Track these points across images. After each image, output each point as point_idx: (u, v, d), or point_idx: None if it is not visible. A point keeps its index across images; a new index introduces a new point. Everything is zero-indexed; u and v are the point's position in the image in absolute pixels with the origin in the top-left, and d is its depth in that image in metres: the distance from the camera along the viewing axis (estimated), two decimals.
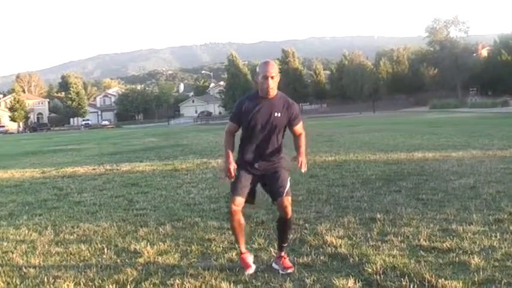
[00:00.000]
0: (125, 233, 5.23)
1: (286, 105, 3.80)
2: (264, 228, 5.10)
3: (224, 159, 3.83)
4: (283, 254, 3.86)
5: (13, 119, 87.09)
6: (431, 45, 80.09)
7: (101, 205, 6.97)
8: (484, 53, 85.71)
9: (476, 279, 3.39)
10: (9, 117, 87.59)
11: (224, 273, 3.78)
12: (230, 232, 4.97)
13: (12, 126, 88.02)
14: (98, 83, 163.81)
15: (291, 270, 3.74)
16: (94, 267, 4.08)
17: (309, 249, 4.29)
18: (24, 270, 4.09)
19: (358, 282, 3.47)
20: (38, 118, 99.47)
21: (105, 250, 4.59)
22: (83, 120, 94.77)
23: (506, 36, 78.59)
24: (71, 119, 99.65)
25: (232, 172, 3.72)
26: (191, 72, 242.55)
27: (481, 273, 3.50)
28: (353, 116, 58.45)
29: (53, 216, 6.31)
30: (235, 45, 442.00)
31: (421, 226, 4.85)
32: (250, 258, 3.88)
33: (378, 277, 3.53)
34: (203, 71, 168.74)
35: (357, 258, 3.96)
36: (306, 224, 5.20)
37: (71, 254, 4.55)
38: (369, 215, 5.42)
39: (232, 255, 4.22)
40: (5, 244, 5.03)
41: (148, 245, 4.66)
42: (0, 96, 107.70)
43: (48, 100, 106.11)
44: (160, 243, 4.69)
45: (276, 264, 3.84)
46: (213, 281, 3.63)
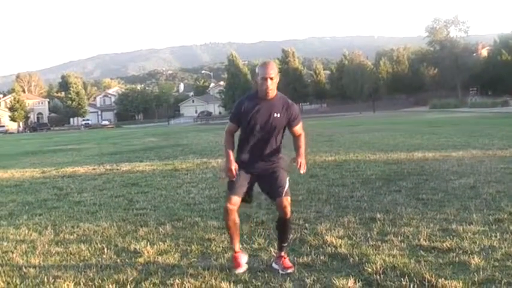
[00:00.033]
0: (125, 233, 5.23)
1: (285, 106, 3.79)
2: (264, 228, 5.10)
3: (225, 159, 3.82)
4: (283, 254, 3.86)
5: (13, 119, 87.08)
6: (431, 45, 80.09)
7: (101, 205, 6.97)
8: (484, 52, 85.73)
9: (476, 279, 3.39)
10: (9, 117, 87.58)
11: (224, 273, 3.78)
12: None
13: (12, 126, 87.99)
14: (98, 83, 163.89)
15: (291, 270, 3.74)
16: (94, 267, 4.08)
17: (309, 249, 4.29)
18: (24, 270, 4.09)
19: (358, 282, 3.47)
20: (38, 118, 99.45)
21: (105, 250, 4.59)
22: (83, 120, 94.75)
23: (506, 36, 78.63)
24: (71, 119, 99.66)
25: (234, 172, 3.72)
26: (191, 72, 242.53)
27: (481, 273, 3.50)
28: (353, 115, 58.46)
29: (53, 216, 6.31)
30: (235, 45, 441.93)
31: (421, 226, 4.85)
32: (243, 258, 3.86)
33: (378, 277, 3.53)
34: (203, 71, 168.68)
35: (356, 258, 3.96)
36: (306, 223, 5.20)
37: (71, 253, 4.55)
38: (369, 215, 5.42)
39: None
40: (5, 244, 5.03)
41: (148, 244, 4.66)
42: (0, 96, 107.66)
43: (48, 100, 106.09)
44: (160, 243, 4.69)
45: (276, 264, 3.84)
46: (213, 280, 3.63)
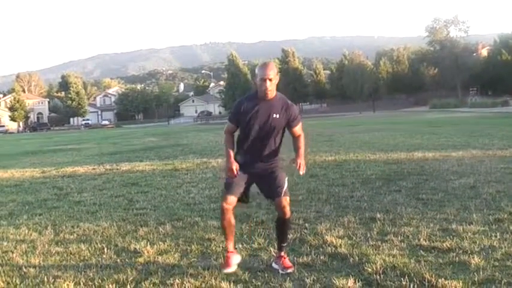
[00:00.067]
0: (125, 233, 5.23)
1: (285, 106, 3.79)
2: (263, 228, 5.09)
3: (225, 159, 3.82)
4: (283, 253, 3.86)
5: (13, 119, 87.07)
6: (431, 45, 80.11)
7: (100, 205, 6.97)
8: (484, 52, 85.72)
9: (476, 279, 3.39)
10: (9, 116, 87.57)
11: (224, 273, 3.78)
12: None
13: (12, 126, 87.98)
14: (98, 83, 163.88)
15: (291, 270, 3.74)
16: (94, 267, 4.08)
17: (308, 249, 4.29)
18: (24, 269, 4.09)
19: (358, 281, 3.47)
20: (38, 118, 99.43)
21: (105, 250, 4.59)
22: (83, 120, 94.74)
23: (506, 35, 78.65)
24: (71, 119, 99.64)
25: (235, 172, 3.71)
26: (191, 72, 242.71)
27: (481, 273, 3.50)
28: (353, 115, 58.47)
29: (53, 216, 6.31)
30: (235, 45, 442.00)
31: (421, 226, 4.85)
32: (235, 259, 3.85)
33: (378, 277, 3.53)
34: (203, 71, 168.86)
35: (356, 258, 3.96)
36: (305, 223, 5.20)
37: (70, 253, 4.55)
38: (369, 215, 5.42)
39: None
40: (5, 244, 5.03)
41: (148, 244, 4.66)
42: (0, 96, 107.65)
43: (48, 100, 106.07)
44: (160, 243, 4.69)
45: (275, 264, 3.84)
46: (213, 280, 3.63)
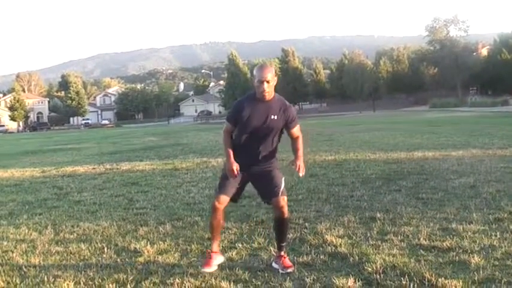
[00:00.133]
0: (125, 232, 5.23)
1: (283, 108, 3.80)
2: (263, 227, 5.09)
3: (225, 159, 3.82)
4: (282, 253, 3.86)
5: (13, 118, 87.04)
6: (431, 44, 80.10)
7: (100, 204, 6.97)
8: (484, 52, 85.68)
9: (476, 278, 3.40)
10: (9, 116, 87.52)
11: (224, 273, 3.78)
12: (231, 231, 5.00)
13: (12, 125, 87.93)
14: (98, 82, 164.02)
15: (291, 269, 3.74)
16: (94, 267, 4.08)
17: (308, 249, 4.29)
18: (24, 269, 4.09)
19: (358, 281, 3.47)
20: (37, 117, 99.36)
21: (105, 249, 4.59)
22: (83, 120, 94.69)
23: (506, 35, 78.62)
24: (71, 118, 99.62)
25: (236, 172, 3.71)
26: (191, 72, 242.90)
27: (481, 272, 3.50)
28: (353, 115, 58.43)
29: (53, 216, 6.31)
30: (235, 45, 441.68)
31: (421, 225, 4.85)
32: (218, 259, 3.85)
33: (378, 276, 3.53)
34: (203, 70, 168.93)
35: (356, 258, 3.96)
36: (305, 223, 5.20)
37: (71, 253, 4.55)
38: (369, 214, 5.42)
39: (232, 255, 4.22)
40: (5, 243, 5.03)
41: (148, 244, 4.66)
42: (0, 95, 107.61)
43: (48, 99, 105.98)
44: (160, 243, 4.69)
45: (275, 263, 3.84)
46: (213, 280, 3.63)
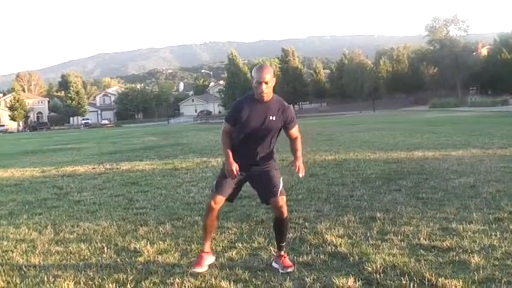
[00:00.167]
0: (125, 232, 5.22)
1: (281, 108, 3.79)
2: (263, 227, 5.09)
3: (224, 160, 3.82)
4: (282, 253, 3.86)
5: (13, 118, 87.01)
6: (431, 44, 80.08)
7: (100, 204, 6.97)
8: (484, 51, 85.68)
9: (476, 278, 3.39)
10: (9, 116, 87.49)
11: (224, 272, 3.78)
12: (231, 231, 4.99)
13: (12, 125, 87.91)
14: (98, 82, 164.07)
15: (291, 269, 3.74)
16: (94, 267, 4.08)
17: (308, 248, 4.29)
18: (24, 269, 4.09)
19: (358, 281, 3.47)
20: (37, 117, 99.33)
21: (105, 249, 4.58)
22: (83, 120, 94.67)
23: (506, 35, 78.65)
24: (71, 118, 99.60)
25: (235, 172, 3.71)
26: (191, 71, 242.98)
27: (481, 272, 3.50)
28: (353, 114, 58.45)
29: (53, 215, 6.31)
30: (235, 44, 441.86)
31: (421, 225, 4.85)
32: (208, 260, 3.86)
33: (378, 276, 3.53)
34: (203, 70, 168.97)
35: (356, 257, 3.96)
36: (305, 222, 5.20)
37: (70, 253, 4.55)
38: (369, 214, 5.42)
39: (232, 254, 4.22)
40: (5, 243, 5.02)
41: (148, 244, 4.65)
42: (0, 95, 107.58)
43: (48, 99, 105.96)
44: (160, 242, 4.69)
45: (275, 263, 3.84)
46: (213, 280, 3.63)
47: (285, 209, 3.77)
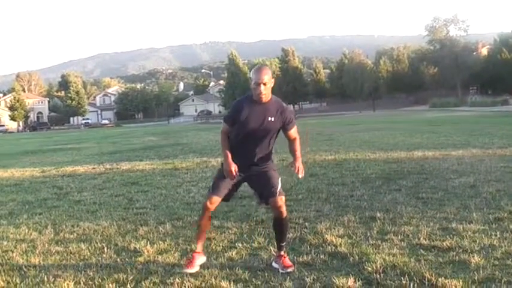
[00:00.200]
0: (125, 232, 5.22)
1: (280, 110, 3.79)
2: (263, 227, 5.09)
3: (223, 160, 3.82)
4: (282, 253, 3.86)
5: (13, 118, 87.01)
6: (431, 44, 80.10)
7: (100, 204, 6.97)
8: (484, 51, 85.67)
9: (476, 278, 3.39)
10: (9, 116, 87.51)
11: (224, 272, 3.78)
12: (231, 231, 4.99)
13: (12, 125, 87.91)
14: (98, 82, 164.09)
15: (291, 269, 3.74)
16: (94, 266, 4.08)
17: (308, 248, 4.29)
18: (24, 269, 4.09)
19: (358, 281, 3.47)
20: (37, 117, 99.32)
21: (105, 249, 4.58)
22: (83, 119, 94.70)
23: (506, 35, 78.64)
24: (71, 118, 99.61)
25: (234, 173, 3.71)
26: (191, 71, 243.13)
27: (481, 271, 3.50)
28: (353, 114, 58.43)
29: (53, 215, 6.31)
30: (235, 44, 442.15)
31: (421, 225, 4.85)
32: (200, 260, 3.86)
33: (378, 276, 3.53)
34: (203, 70, 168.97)
35: (356, 257, 3.96)
36: (305, 222, 5.20)
37: (70, 253, 4.55)
38: (369, 214, 5.41)
39: (232, 254, 4.22)
40: (5, 243, 5.02)
41: (148, 244, 4.66)
42: (0, 95, 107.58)
43: (48, 99, 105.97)
44: (160, 242, 4.69)
45: (275, 263, 3.84)
46: (213, 280, 3.63)
47: (284, 209, 3.77)
